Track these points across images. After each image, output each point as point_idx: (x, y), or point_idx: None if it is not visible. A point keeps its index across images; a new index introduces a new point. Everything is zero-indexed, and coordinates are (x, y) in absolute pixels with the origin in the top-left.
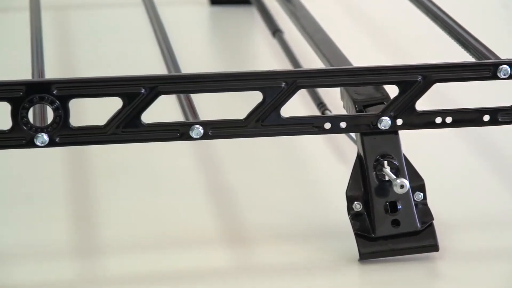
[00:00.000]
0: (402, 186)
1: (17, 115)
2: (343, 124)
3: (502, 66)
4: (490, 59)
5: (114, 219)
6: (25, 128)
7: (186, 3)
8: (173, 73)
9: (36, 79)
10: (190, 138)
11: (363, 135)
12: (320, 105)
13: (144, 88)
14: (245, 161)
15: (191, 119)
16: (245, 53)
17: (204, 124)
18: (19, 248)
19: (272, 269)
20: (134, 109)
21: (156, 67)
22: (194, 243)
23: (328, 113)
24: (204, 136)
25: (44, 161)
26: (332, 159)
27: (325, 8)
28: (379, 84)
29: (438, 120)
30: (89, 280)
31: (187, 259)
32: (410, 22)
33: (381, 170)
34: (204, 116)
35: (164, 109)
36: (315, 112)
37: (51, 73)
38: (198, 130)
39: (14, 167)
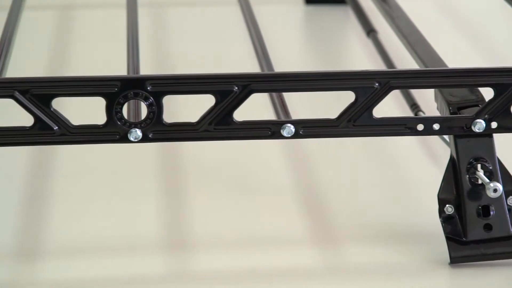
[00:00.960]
0: (495, 190)
1: (112, 110)
2: (436, 126)
3: None
4: None
5: (201, 217)
6: (119, 123)
7: (281, 2)
8: (266, 72)
9: (131, 75)
10: (281, 136)
11: (456, 137)
12: (413, 106)
13: (236, 86)
14: (335, 161)
15: (282, 118)
16: (339, 53)
17: (296, 123)
18: (111, 240)
19: (360, 270)
20: (226, 107)
21: (250, 66)
22: (283, 243)
23: (421, 114)
24: (295, 135)
25: (132, 156)
26: (424, 161)
27: (421, 9)
28: (474, 86)
29: None
30: (181, 275)
31: (277, 258)
32: (508, 24)
33: (474, 173)
34: (292, 114)
35: (254, 107)
36: (408, 113)
37: (145, 69)
38: (289, 129)
39: (104, 162)
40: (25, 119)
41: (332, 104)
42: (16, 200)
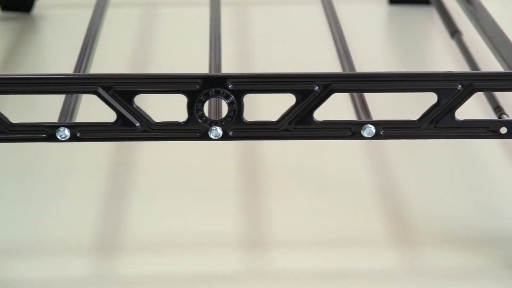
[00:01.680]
0: None
1: (193, 107)
2: None
3: None
4: None
5: (279, 216)
6: (200, 120)
7: (364, 1)
8: (347, 72)
9: (213, 73)
10: (361, 137)
11: None
12: (497, 109)
13: (317, 86)
14: (414, 163)
15: (363, 118)
16: (421, 54)
17: (377, 123)
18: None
19: (437, 274)
20: (307, 106)
21: (331, 65)
22: (361, 244)
23: (505, 117)
24: (376, 136)
25: (209, 154)
26: (506, 165)
27: (506, 10)
28: None
29: None
30: (257, 273)
31: (354, 259)
32: None
33: None
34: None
35: (333, 106)
36: (491, 116)
37: (227, 68)
38: (370, 130)
39: (184, 159)
40: (108, 115)
41: (411, 105)
42: (99, 195)
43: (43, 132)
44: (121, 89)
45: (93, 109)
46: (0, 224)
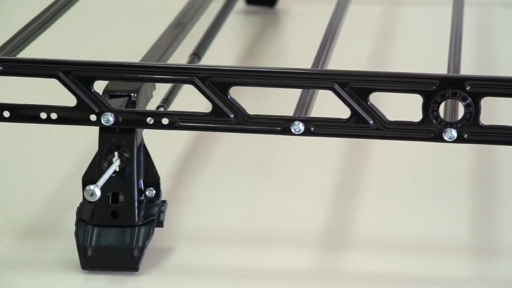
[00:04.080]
0: None
1: (428, 108)
2: None
3: None
4: None
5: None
6: (434, 121)
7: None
8: None
9: (451, 74)
10: None
11: None
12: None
13: None
14: None
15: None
16: None
17: None
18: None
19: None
20: None
21: None
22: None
23: None
24: None
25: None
26: None
27: None
28: None
29: None
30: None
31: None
32: None
33: None
34: None
35: None
36: None
37: (466, 69)
38: None
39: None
40: (342, 112)
41: None
42: (329, 190)
43: (278, 125)
44: (357, 86)
45: (329, 104)
46: (233, 212)
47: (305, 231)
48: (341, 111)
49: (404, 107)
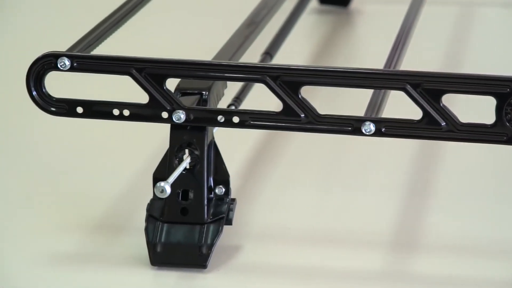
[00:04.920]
0: None
1: (502, 111)
2: None
3: None
4: None
5: None
6: (508, 124)
7: None
8: None
9: None
10: None
11: None
12: None
13: None
14: None
15: None
16: None
17: None
18: None
19: None
20: None
21: None
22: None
23: None
24: None
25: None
26: None
27: None
28: None
29: None
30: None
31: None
32: None
33: None
34: None
35: None
36: None
37: None
38: None
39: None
40: (414, 113)
41: None
42: (400, 191)
43: (348, 125)
44: (429, 87)
45: (401, 105)
46: (302, 212)
47: (374, 232)
48: (413, 112)
49: (474, 109)
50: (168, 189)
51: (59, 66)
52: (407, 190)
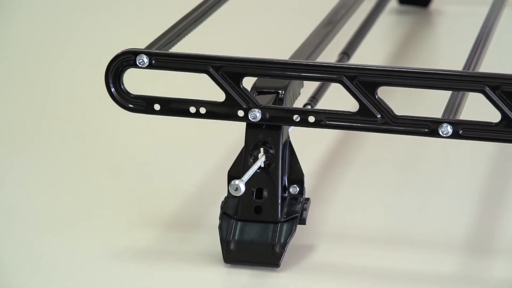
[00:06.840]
0: None
1: None
2: None
3: None
4: None
5: None
6: None
7: None
8: None
9: None
10: None
11: None
12: None
13: None
14: None
15: None
16: None
17: None
18: None
19: None
20: None
21: None
22: None
23: None
24: None
25: None
26: None
27: None
28: None
29: None
30: None
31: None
32: None
33: None
34: None
35: None
36: None
37: None
38: None
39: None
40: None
41: None
42: (477, 194)
43: (425, 127)
44: (509, 89)
45: (478, 107)
46: (376, 213)
47: (449, 234)
48: (492, 115)
49: None
50: (243, 187)
51: (137, 63)
52: (482, 193)
